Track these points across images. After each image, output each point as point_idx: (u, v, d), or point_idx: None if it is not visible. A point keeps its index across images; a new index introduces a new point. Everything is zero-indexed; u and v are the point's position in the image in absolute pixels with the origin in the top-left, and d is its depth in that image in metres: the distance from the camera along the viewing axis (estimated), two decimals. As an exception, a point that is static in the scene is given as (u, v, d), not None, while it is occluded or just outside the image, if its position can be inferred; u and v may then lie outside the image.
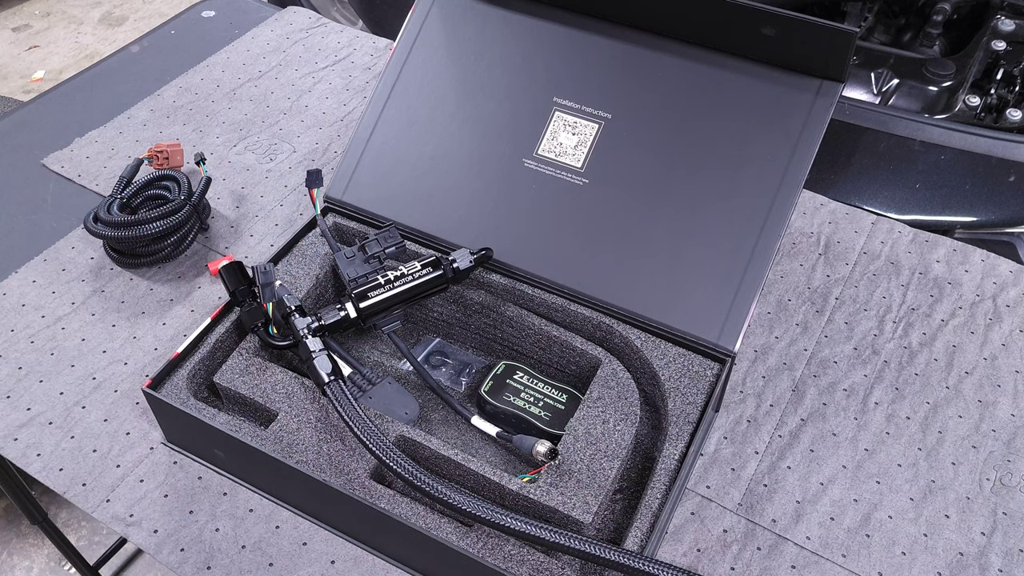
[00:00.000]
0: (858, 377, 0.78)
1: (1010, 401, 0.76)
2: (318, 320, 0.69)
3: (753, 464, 0.72)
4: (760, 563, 0.66)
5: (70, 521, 1.55)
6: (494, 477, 0.63)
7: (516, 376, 0.74)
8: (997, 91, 1.22)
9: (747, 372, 0.78)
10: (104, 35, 2.79)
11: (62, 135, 1.03)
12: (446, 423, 0.74)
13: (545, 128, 0.78)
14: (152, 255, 0.86)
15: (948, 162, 1.08)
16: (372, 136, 0.82)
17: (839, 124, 1.10)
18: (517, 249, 0.76)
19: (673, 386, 0.69)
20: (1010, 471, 0.71)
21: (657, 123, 0.75)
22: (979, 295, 0.85)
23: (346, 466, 0.65)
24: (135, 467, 0.70)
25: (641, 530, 0.61)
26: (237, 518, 0.67)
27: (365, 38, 1.18)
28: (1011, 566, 0.66)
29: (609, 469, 0.64)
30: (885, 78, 1.26)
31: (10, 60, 2.68)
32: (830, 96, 0.71)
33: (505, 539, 0.61)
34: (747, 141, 0.73)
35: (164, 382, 0.69)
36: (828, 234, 0.91)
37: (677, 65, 0.76)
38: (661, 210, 0.74)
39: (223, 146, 1.01)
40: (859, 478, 0.71)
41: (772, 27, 0.69)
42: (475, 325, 0.78)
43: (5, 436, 0.72)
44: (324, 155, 1.00)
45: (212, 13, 1.24)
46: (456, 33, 0.82)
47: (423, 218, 0.79)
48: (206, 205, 0.91)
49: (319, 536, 0.66)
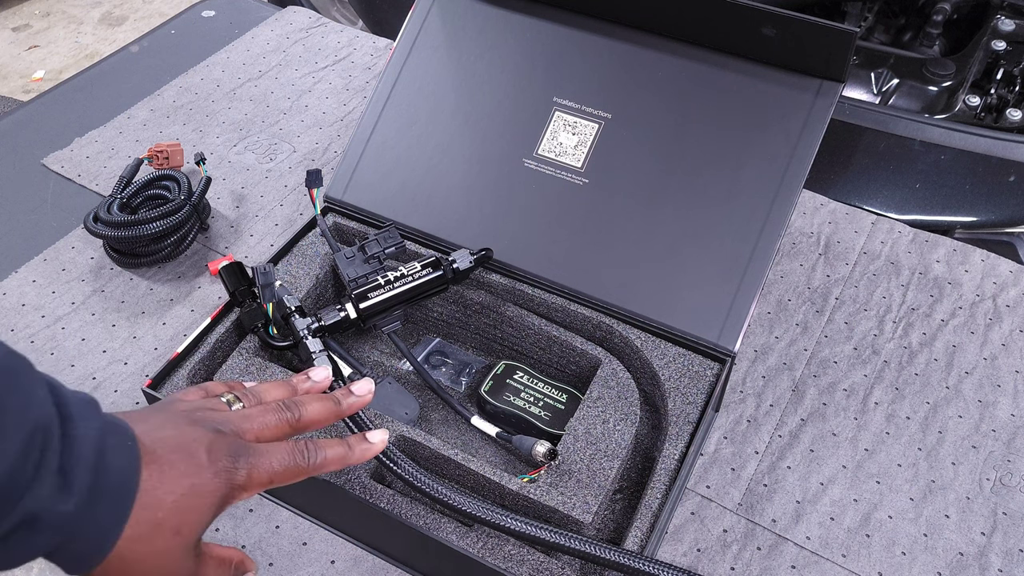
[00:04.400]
0: (858, 377, 0.78)
1: (1010, 401, 0.76)
2: (318, 321, 0.69)
3: (753, 464, 0.72)
4: (760, 563, 0.66)
5: (70, 521, 1.55)
6: (494, 477, 0.63)
7: (516, 376, 0.74)
8: (997, 91, 1.22)
9: (747, 372, 0.78)
10: (104, 35, 2.79)
11: (62, 135, 1.03)
12: (446, 423, 0.74)
13: (545, 128, 0.78)
14: (152, 255, 0.86)
15: (948, 162, 1.08)
16: (372, 136, 0.82)
17: (839, 124, 1.10)
18: (517, 249, 0.76)
19: (673, 386, 0.69)
20: (1010, 471, 0.71)
21: (657, 123, 0.75)
22: (979, 295, 0.85)
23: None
24: (135, 467, 0.70)
25: (641, 530, 0.61)
26: (237, 518, 0.67)
27: (365, 38, 1.18)
28: (1011, 566, 0.66)
29: (609, 469, 0.64)
30: (885, 78, 1.26)
31: (10, 60, 2.68)
32: (830, 96, 0.71)
33: (505, 539, 0.61)
34: (747, 141, 0.73)
35: (164, 382, 0.69)
36: (828, 234, 0.91)
37: (677, 65, 0.76)
38: (661, 210, 0.74)
39: (223, 146, 1.01)
40: (859, 478, 0.71)
41: (772, 27, 0.69)
42: (475, 325, 0.78)
43: (5, 436, 0.72)
44: (324, 155, 1.00)
45: (212, 13, 1.24)
46: (456, 33, 0.82)
47: (423, 218, 0.79)
48: (206, 205, 0.91)
49: (319, 536, 0.66)
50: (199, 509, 0.43)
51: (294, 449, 0.48)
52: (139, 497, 0.41)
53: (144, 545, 0.41)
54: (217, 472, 0.44)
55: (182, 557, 0.43)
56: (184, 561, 0.43)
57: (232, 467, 0.44)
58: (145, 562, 0.41)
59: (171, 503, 0.42)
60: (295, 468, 0.48)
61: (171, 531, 0.42)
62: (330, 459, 0.50)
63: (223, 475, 0.44)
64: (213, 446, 0.44)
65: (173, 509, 0.42)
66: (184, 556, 0.43)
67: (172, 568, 0.43)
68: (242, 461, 0.45)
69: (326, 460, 0.49)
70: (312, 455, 0.49)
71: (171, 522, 0.42)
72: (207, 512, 0.43)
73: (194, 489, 0.43)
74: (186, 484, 0.42)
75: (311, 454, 0.49)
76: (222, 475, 0.44)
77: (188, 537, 0.43)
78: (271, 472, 0.46)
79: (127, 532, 0.40)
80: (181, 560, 0.43)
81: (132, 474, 0.41)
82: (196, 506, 0.43)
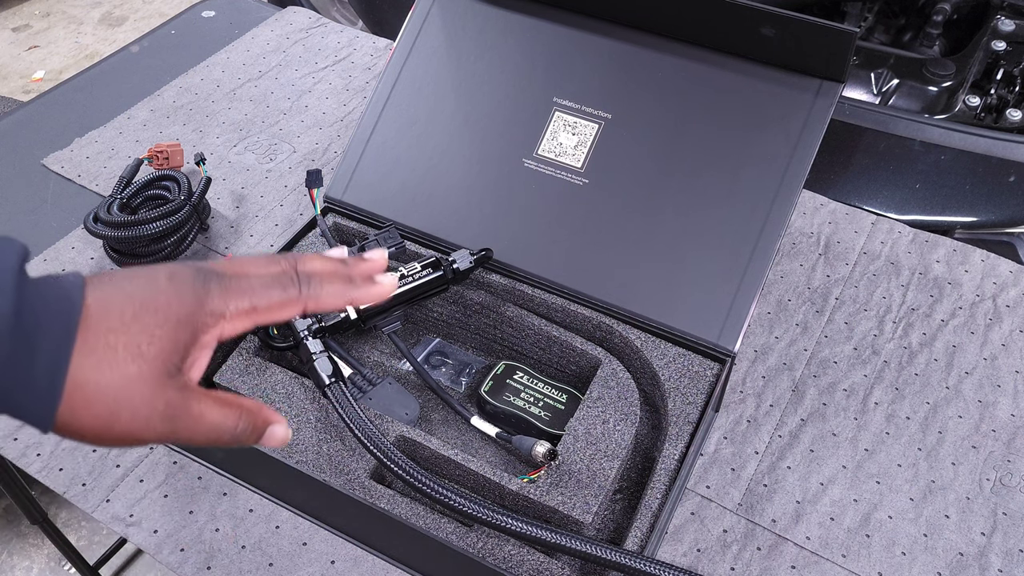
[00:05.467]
0: (858, 377, 0.78)
1: (1010, 401, 0.76)
2: (318, 321, 0.69)
3: (753, 464, 0.72)
4: (760, 563, 0.66)
5: (70, 521, 1.55)
6: (494, 477, 0.63)
7: (516, 376, 0.74)
8: (997, 91, 1.22)
9: (747, 372, 0.78)
10: (104, 35, 2.79)
11: (62, 135, 1.03)
12: (446, 423, 0.74)
13: (545, 128, 0.78)
14: (152, 255, 0.86)
15: (948, 162, 1.08)
16: (372, 136, 0.82)
17: (839, 124, 1.10)
18: (517, 249, 0.76)
19: (673, 386, 0.69)
20: (1010, 471, 0.71)
21: (657, 123, 0.75)
22: (979, 295, 0.85)
23: (346, 466, 0.65)
24: (135, 467, 0.70)
25: (641, 530, 0.61)
26: (237, 518, 0.67)
27: (365, 38, 1.18)
28: (1011, 566, 0.66)
29: (609, 469, 0.64)
30: (885, 78, 1.26)
31: (10, 60, 2.68)
32: (830, 96, 0.71)
33: (505, 539, 0.61)
34: (747, 141, 0.73)
35: (164, 382, 0.69)
36: (828, 234, 0.91)
37: (677, 65, 0.76)
38: (661, 210, 0.74)
39: (223, 146, 1.01)
40: (859, 478, 0.71)
41: (772, 27, 0.69)
42: (475, 325, 0.78)
43: (5, 436, 0.72)
44: (324, 155, 1.00)
45: (212, 13, 1.24)
46: (456, 33, 0.82)
47: (423, 218, 0.79)
48: (206, 205, 0.91)
49: (319, 536, 0.66)
50: (161, 327, 0.37)
51: (281, 275, 0.42)
52: (85, 315, 0.36)
53: (103, 374, 0.36)
54: (180, 291, 0.39)
55: (154, 386, 0.37)
56: (159, 390, 0.38)
57: (202, 288, 0.39)
58: (110, 393, 0.36)
59: (122, 322, 0.37)
60: (284, 298, 0.42)
61: (130, 353, 0.37)
62: (327, 294, 0.43)
63: (188, 294, 0.39)
64: (176, 271, 0.39)
65: (126, 328, 0.37)
66: (157, 385, 0.37)
67: (144, 398, 0.37)
68: (214, 282, 0.40)
69: (322, 295, 0.43)
70: (305, 285, 0.42)
71: (127, 343, 0.37)
72: (172, 331, 0.38)
73: (151, 305, 0.38)
74: (138, 301, 0.37)
75: (304, 284, 0.42)
76: (187, 295, 0.39)
77: (154, 362, 0.37)
78: (252, 295, 0.40)
79: (78, 359, 0.35)
80: (154, 389, 0.37)
81: (73, 290, 0.36)
82: (156, 324, 0.37)
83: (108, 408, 0.36)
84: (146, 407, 0.37)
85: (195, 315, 0.39)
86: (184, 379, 0.39)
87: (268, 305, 0.41)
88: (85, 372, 0.36)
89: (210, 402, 0.40)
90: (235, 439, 0.41)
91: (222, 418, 0.40)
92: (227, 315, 0.40)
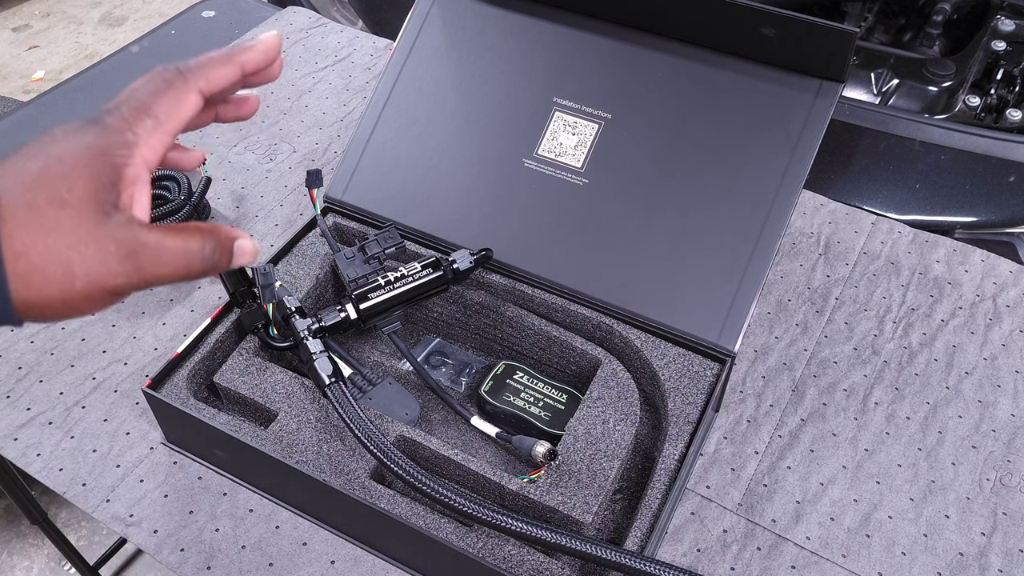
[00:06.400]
0: (858, 377, 0.78)
1: (1010, 401, 0.76)
2: (318, 321, 0.69)
3: (753, 464, 0.72)
4: (760, 563, 0.66)
5: (70, 521, 1.55)
6: (494, 477, 0.63)
7: (516, 376, 0.74)
8: (997, 91, 1.22)
9: (747, 372, 0.78)
10: (104, 35, 2.79)
11: (62, 135, 1.03)
12: (446, 423, 0.74)
13: (545, 128, 0.78)
14: (152, 255, 0.85)
15: (948, 162, 1.08)
16: (372, 136, 0.82)
17: (839, 124, 1.10)
18: (517, 249, 0.76)
19: (673, 386, 0.69)
20: (1010, 471, 0.71)
21: (657, 123, 0.75)
22: (979, 295, 0.85)
23: (346, 466, 0.65)
24: (135, 467, 0.70)
25: (641, 530, 0.61)
26: (237, 518, 0.67)
27: (365, 38, 1.18)
28: (1011, 566, 0.66)
29: (609, 469, 0.64)
30: (885, 78, 1.26)
31: (10, 60, 2.68)
32: (830, 96, 0.71)
33: (505, 539, 0.61)
34: (747, 141, 0.73)
35: (164, 382, 0.69)
36: (828, 234, 0.91)
37: (677, 65, 0.76)
38: (661, 210, 0.74)
39: (223, 146, 1.01)
40: (859, 478, 0.71)
41: (772, 27, 0.69)
42: (475, 325, 0.78)
43: (5, 436, 0.72)
44: (324, 155, 1.00)
45: (212, 13, 1.24)
46: (456, 33, 0.82)
47: (423, 218, 0.79)
48: (206, 205, 0.91)
49: (319, 536, 0.66)
50: (73, 170, 0.37)
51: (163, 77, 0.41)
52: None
53: (37, 233, 0.35)
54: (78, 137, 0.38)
55: (94, 227, 0.36)
56: (101, 229, 0.36)
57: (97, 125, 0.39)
58: (53, 248, 0.35)
59: (36, 181, 0.36)
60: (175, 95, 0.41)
61: (54, 204, 0.36)
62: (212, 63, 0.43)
63: (88, 135, 0.38)
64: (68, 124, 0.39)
65: (41, 184, 0.36)
66: (96, 225, 0.36)
67: (88, 241, 0.36)
68: (107, 116, 0.39)
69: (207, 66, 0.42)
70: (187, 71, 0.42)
71: (47, 196, 0.36)
72: (87, 171, 0.37)
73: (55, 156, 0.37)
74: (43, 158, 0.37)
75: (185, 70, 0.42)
76: (86, 136, 0.38)
77: (83, 205, 0.36)
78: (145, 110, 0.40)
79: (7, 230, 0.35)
80: (95, 229, 0.36)
81: None
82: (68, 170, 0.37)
83: (59, 265, 0.35)
84: (95, 250, 0.36)
85: (105, 150, 0.38)
86: (127, 215, 0.38)
87: (166, 110, 0.40)
88: (20, 238, 0.35)
89: (163, 232, 0.39)
90: (207, 263, 0.40)
91: (184, 243, 0.39)
92: (137, 140, 0.39)
